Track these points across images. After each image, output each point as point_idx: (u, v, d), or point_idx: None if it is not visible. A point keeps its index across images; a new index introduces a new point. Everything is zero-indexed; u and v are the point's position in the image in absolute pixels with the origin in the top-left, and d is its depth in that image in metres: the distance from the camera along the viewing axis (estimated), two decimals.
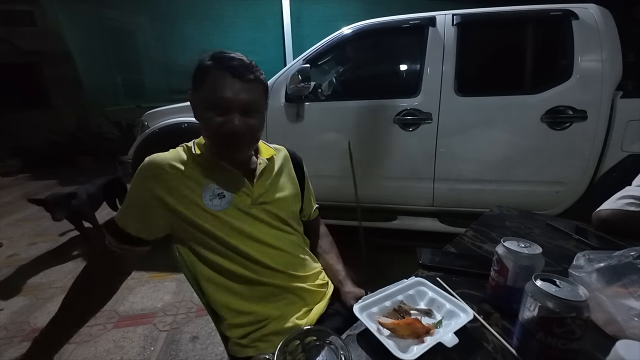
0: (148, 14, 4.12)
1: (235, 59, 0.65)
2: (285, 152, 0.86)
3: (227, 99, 0.63)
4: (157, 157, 0.69)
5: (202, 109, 0.66)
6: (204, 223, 0.66)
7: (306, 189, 0.87)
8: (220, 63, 0.64)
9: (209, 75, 0.64)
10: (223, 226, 0.68)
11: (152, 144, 2.20)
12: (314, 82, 1.88)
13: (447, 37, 1.71)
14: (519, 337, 0.46)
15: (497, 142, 1.70)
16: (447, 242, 0.82)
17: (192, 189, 0.67)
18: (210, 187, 0.68)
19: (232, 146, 0.67)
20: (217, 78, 0.63)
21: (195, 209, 0.66)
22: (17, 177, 4.62)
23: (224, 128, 0.64)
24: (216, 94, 0.63)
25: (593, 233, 0.83)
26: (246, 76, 0.64)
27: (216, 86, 0.63)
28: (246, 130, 0.65)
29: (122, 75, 4.40)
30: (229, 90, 0.63)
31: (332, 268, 0.84)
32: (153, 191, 0.65)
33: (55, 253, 2.35)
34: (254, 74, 0.65)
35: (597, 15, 1.58)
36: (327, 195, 1.81)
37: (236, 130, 0.64)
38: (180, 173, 0.67)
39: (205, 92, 0.64)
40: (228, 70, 0.63)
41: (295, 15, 3.82)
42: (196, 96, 0.68)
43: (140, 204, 0.66)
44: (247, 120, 0.65)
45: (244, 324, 0.69)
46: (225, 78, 0.63)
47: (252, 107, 0.66)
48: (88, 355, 1.37)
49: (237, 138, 0.65)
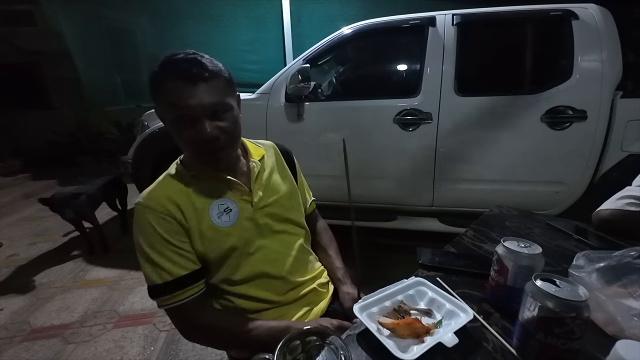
0: (148, 13, 4.11)
1: (186, 59, 0.58)
2: (273, 147, 0.84)
3: (188, 109, 0.56)
4: (153, 193, 0.63)
5: (168, 124, 0.61)
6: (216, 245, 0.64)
7: (299, 180, 0.86)
8: (170, 70, 0.57)
9: (162, 86, 0.57)
10: (233, 242, 0.66)
11: (152, 144, 2.20)
12: (314, 82, 1.87)
13: (447, 37, 1.71)
14: (518, 337, 0.46)
15: (497, 142, 1.70)
16: (447, 242, 0.82)
17: (197, 212, 0.64)
18: (214, 204, 0.66)
19: (212, 155, 0.62)
20: (172, 88, 0.56)
21: (205, 232, 0.63)
22: (17, 177, 4.61)
23: (197, 139, 0.58)
24: (176, 104, 0.57)
25: (593, 233, 0.83)
26: (202, 76, 0.57)
27: (173, 97, 0.56)
28: (221, 134, 0.60)
29: (122, 75, 4.38)
30: (187, 98, 0.56)
31: (332, 265, 0.84)
32: (161, 232, 0.60)
33: (55, 253, 2.36)
34: (209, 70, 0.58)
35: (597, 15, 1.58)
36: (327, 195, 1.81)
37: (209, 138, 0.58)
38: (182, 201, 0.63)
39: (164, 106, 0.59)
40: (180, 77, 0.56)
41: (295, 15, 3.81)
42: (159, 111, 0.62)
43: (166, 245, 0.60)
44: (218, 123, 0.60)
45: None
46: (179, 86, 0.56)
47: (220, 107, 0.60)
48: (88, 355, 1.37)
49: (214, 145, 0.60)
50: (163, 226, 0.60)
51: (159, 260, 0.60)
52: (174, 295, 0.60)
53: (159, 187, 0.65)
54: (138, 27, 4.28)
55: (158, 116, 0.65)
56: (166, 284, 0.60)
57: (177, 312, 0.61)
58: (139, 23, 4.25)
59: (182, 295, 0.60)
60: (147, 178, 2.18)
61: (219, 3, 3.87)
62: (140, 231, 0.61)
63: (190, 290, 0.61)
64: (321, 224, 0.95)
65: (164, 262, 0.60)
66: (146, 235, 0.61)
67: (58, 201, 1.99)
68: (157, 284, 0.60)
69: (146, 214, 0.61)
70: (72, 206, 2.03)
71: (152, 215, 0.61)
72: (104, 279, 1.97)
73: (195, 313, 0.62)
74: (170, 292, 0.60)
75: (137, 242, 0.61)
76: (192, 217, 0.63)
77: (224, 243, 0.65)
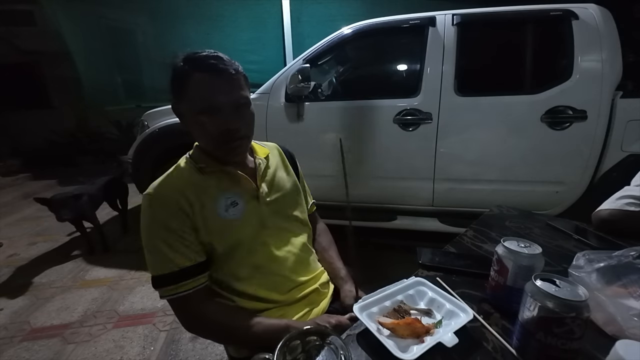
0: (148, 13, 4.12)
1: (211, 56, 0.62)
2: (277, 148, 0.86)
3: (217, 100, 0.61)
4: (161, 185, 0.65)
5: (192, 116, 0.63)
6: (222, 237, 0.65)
7: (301, 183, 0.88)
8: (198, 65, 0.61)
9: (189, 80, 0.61)
10: (240, 235, 0.67)
11: (152, 144, 2.20)
12: (314, 82, 1.88)
13: (447, 37, 1.71)
14: (518, 337, 0.46)
15: (497, 142, 1.70)
16: (447, 242, 0.82)
17: (205, 205, 0.65)
18: (222, 198, 0.67)
19: (233, 145, 0.65)
20: (200, 81, 0.60)
21: (212, 225, 0.64)
22: (17, 177, 4.62)
23: (222, 129, 0.62)
24: (204, 97, 0.60)
25: (593, 233, 0.83)
26: (228, 72, 0.62)
27: (201, 90, 0.60)
28: (242, 125, 0.65)
29: (122, 75, 4.39)
30: (216, 91, 0.60)
31: (332, 266, 0.84)
32: (169, 223, 0.61)
33: (55, 253, 2.36)
34: (234, 67, 0.63)
35: (597, 15, 1.58)
36: (327, 195, 1.81)
37: (234, 128, 0.63)
38: (189, 193, 0.64)
39: (191, 99, 0.62)
40: (209, 71, 0.60)
41: (295, 15, 3.81)
42: (181, 104, 0.65)
43: (172, 235, 0.61)
44: (241, 115, 0.64)
45: None
46: (208, 79, 0.60)
47: (242, 102, 0.64)
48: (88, 355, 1.37)
49: (237, 136, 0.64)
50: (169, 217, 0.61)
51: (165, 250, 0.61)
52: (179, 285, 0.61)
53: (167, 179, 0.66)
54: (138, 27, 4.29)
55: (174, 110, 0.67)
56: (171, 274, 0.60)
57: (181, 302, 0.62)
58: (139, 23, 4.25)
59: (187, 286, 0.61)
60: (147, 178, 2.18)
61: (219, 3, 3.87)
62: (147, 221, 0.62)
63: (195, 282, 0.62)
64: (321, 226, 0.95)
65: (169, 252, 0.61)
66: (152, 225, 0.62)
67: (57, 202, 1.98)
68: (161, 274, 0.61)
69: (153, 205, 0.62)
70: (71, 208, 2.02)
71: (159, 206, 0.62)
72: (104, 279, 1.97)
73: (198, 305, 0.63)
74: (175, 283, 0.60)
75: (143, 232, 0.63)
76: (199, 209, 0.64)
77: (230, 235, 0.66)
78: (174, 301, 0.62)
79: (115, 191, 2.56)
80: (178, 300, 0.62)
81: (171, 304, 0.63)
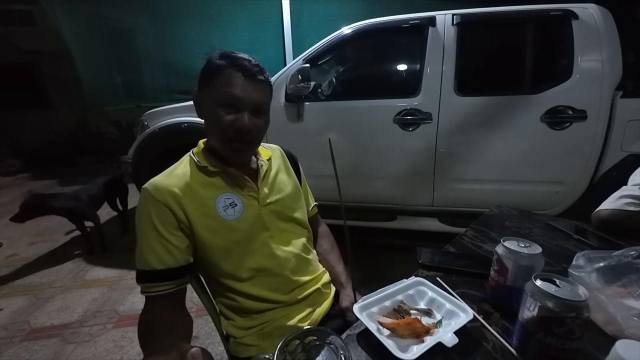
0: (148, 13, 4.11)
1: (246, 59, 0.65)
2: (280, 150, 0.87)
3: (240, 98, 0.63)
4: (159, 182, 0.65)
5: (211, 106, 0.64)
6: (221, 236, 0.65)
7: (303, 185, 0.88)
8: (233, 62, 0.64)
9: (221, 73, 0.63)
10: (238, 236, 0.67)
11: (152, 144, 2.20)
12: (314, 82, 1.87)
13: (447, 37, 1.71)
14: (518, 337, 0.46)
15: (497, 142, 1.70)
16: (447, 242, 0.82)
17: (203, 204, 0.65)
18: (221, 197, 0.67)
19: (241, 143, 0.66)
20: (231, 76, 0.63)
21: (210, 223, 0.65)
22: (17, 177, 4.61)
23: (235, 125, 0.63)
24: (229, 92, 0.63)
25: (593, 233, 0.83)
26: (258, 77, 0.64)
27: (229, 84, 0.63)
28: (254, 129, 0.66)
29: (122, 75, 4.38)
30: (242, 89, 0.63)
31: (334, 270, 0.84)
32: (163, 218, 0.61)
33: (55, 253, 2.35)
34: (264, 75, 0.66)
35: (597, 15, 1.58)
36: (327, 195, 1.81)
37: (246, 128, 0.64)
38: (184, 193, 0.64)
39: (217, 89, 0.64)
40: (241, 70, 0.63)
41: (295, 15, 3.81)
42: (205, 94, 0.66)
43: (154, 234, 0.61)
44: (256, 120, 0.66)
45: (247, 326, 0.70)
46: (238, 77, 0.63)
47: (262, 108, 0.67)
48: (88, 355, 1.37)
49: (247, 136, 0.65)
50: (158, 215, 0.62)
51: (154, 246, 0.61)
52: (160, 284, 0.61)
53: (164, 176, 0.67)
54: (138, 27, 4.28)
55: (193, 98, 0.69)
56: (154, 271, 0.61)
57: (155, 300, 0.62)
58: (139, 23, 4.24)
59: (165, 287, 0.61)
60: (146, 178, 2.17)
61: (219, 3, 3.87)
62: (139, 216, 0.63)
63: (167, 285, 0.62)
64: (323, 228, 0.95)
65: (157, 249, 0.61)
66: (142, 221, 0.62)
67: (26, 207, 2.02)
68: (145, 270, 0.61)
69: (147, 201, 0.63)
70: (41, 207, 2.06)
71: (151, 202, 0.62)
72: (104, 278, 1.97)
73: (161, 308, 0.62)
74: (157, 281, 0.61)
75: (136, 224, 0.64)
76: (194, 208, 0.64)
77: (228, 235, 0.66)
78: (150, 298, 0.62)
79: (115, 191, 2.56)
80: (154, 298, 0.62)
81: (147, 300, 0.63)
